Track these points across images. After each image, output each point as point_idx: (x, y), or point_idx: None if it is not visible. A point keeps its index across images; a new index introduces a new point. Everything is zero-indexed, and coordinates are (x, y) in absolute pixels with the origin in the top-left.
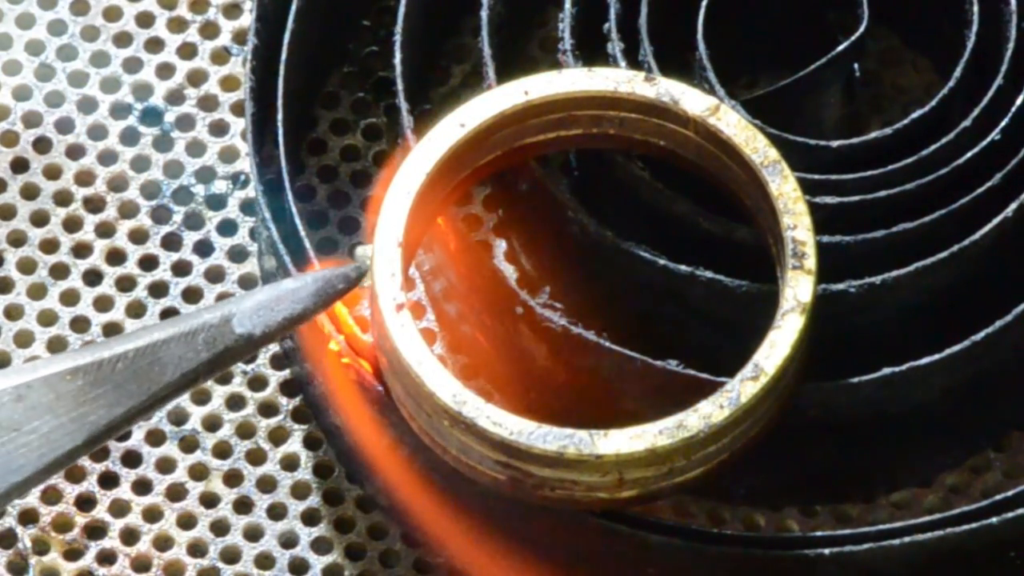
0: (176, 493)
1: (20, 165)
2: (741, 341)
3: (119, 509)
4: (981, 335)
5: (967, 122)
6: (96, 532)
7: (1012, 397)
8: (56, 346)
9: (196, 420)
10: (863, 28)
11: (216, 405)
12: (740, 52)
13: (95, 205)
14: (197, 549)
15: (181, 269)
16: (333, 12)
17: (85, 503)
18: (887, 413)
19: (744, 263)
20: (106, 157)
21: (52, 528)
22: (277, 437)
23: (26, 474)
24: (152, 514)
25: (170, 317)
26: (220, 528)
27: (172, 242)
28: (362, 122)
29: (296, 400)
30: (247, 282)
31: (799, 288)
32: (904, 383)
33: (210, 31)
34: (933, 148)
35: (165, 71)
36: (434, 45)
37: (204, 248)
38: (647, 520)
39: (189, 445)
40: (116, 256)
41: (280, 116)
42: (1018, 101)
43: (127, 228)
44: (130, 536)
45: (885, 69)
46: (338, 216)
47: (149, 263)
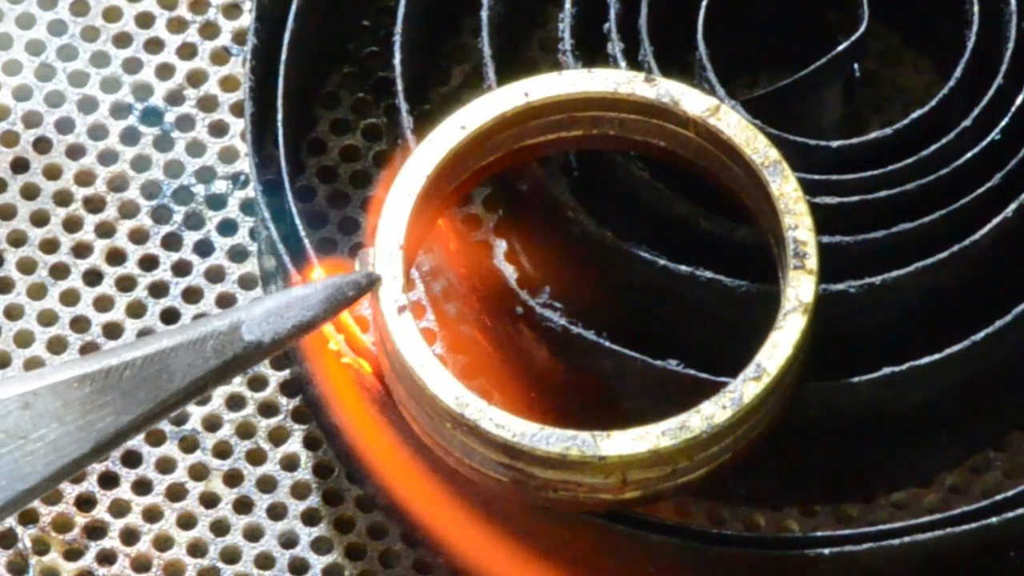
0: (176, 493)
1: (20, 165)
2: (741, 341)
3: (119, 509)
4: (981, 335)
5: (967, 122)
6: (96, 532)
7: (1012, 397)
8: (56, 346)
9: (196, 420)
10: (863, 28)
11: (216, 405)
12: (740, 52)
13: (95, 205)
14: (197, 549)
15: (181, 269)
16: (333, 12)
17: (85, 503)
18: (887, 413)
19: (744, 263)
20: (106, 157)
21: (52, 528)
22: (277, 437)
23: (33, 482)
24: (152, 514)
25: (175, 322)
26: (220, 528)
27: (172, 242)
28: (362, 122)
29: (296, 400)
30: (247, 282)
31: (801, 288)
32: (904, 383)
33: (210, 31)
34: (933, 148)
35: (165, 71)
36: (434, 45)
37: (204, 248)
38: (647, 520)
39: (189, 445)
40: (116, 256)
41: (280, 116)
42: (1018, 101)
43: (127, 228)
44: (130, 536)
45: (885, 69)
46: (338, 216)
47: (149, 263)
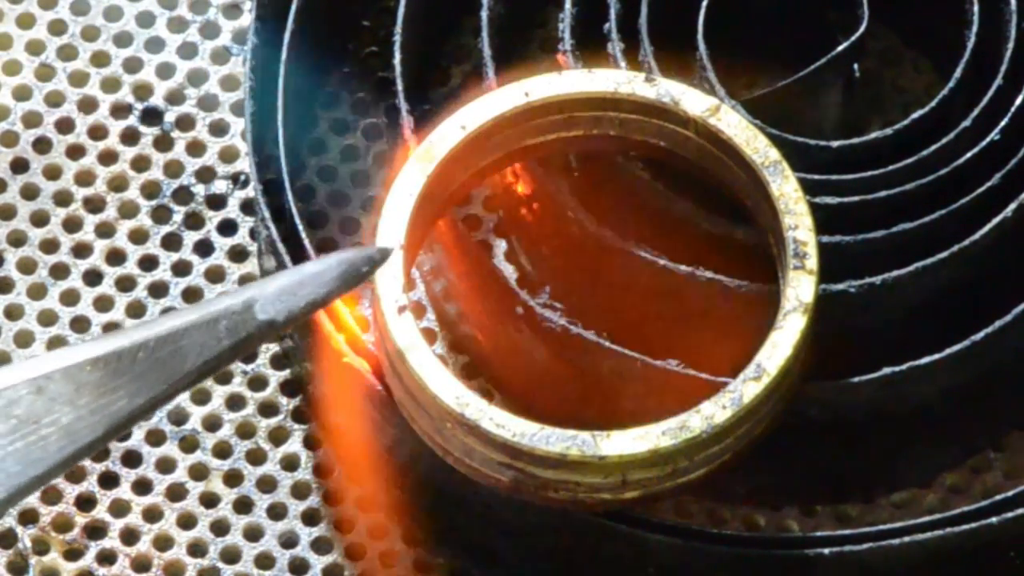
0: (176, 493)
1: (20, 165)
2: (741, 341)
3: (119, 509)
4: (981, 335)
5: (967, 122)
6: (96, 532)
7: (1012, 397)
8: (56, 346)
9: (196, 420)
10: (863, 28)
11: (216, 405)
12: (740, 52)
13: (95, 205)
14: (197, 549)
15: (181, 269)
16: (333, 12)
17: (85, 503)
18: (887, 413)
19: (744, 263)
20: (106, 157)
21: (52, 528)
22: (277, 437)
23: (46, 467)
24: (152, 514)
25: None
26: (220, 528)
27: (172, 242)
28: (362, 122)
29: (296, 400)
30: (247, 282)
31: (801, 288)
32: (904, 383)
33: (210, 31)
34: (933, 148)
35: (165, 71)
36: (434, 45)
37: (204, 248)
38: (647, 520)
39: (189, 445)
40: (116, 256)
41: (280, 116)
42: (1018, 101)
43: (127, 228)
44: (130, 536)
45: (885, 69)
46: (338, 216)
47: (149, 263)
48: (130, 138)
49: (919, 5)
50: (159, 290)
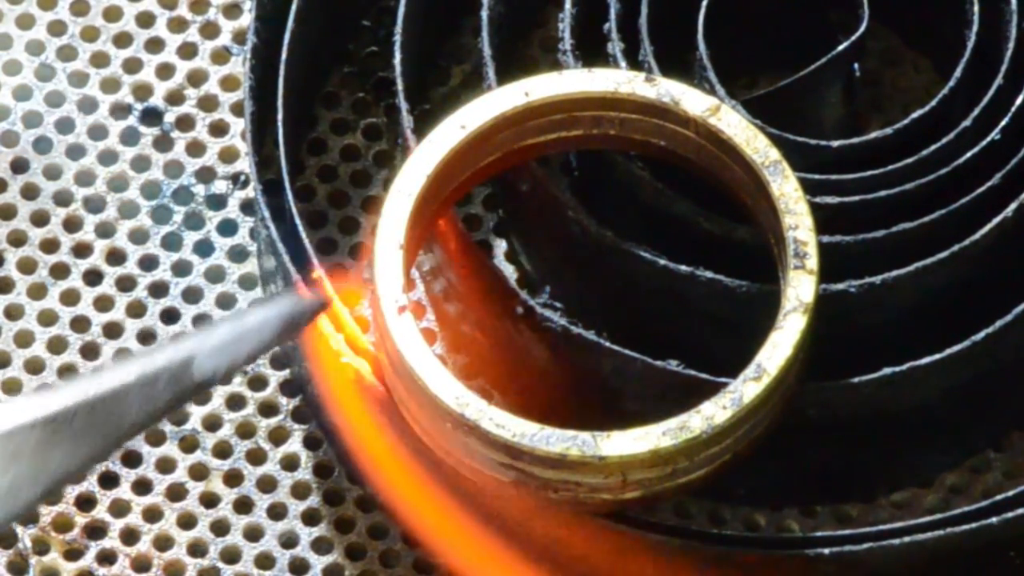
0: (176, 493)
1: (20, 165)
2: (741, 341)
3: (119, 509)
4: (981, 335)
5: (967, 122)
6: (96, 532)
7: (1012, 397)
8: (56, 346)
9: (196, 420)
10: (863, 28)
11: (216, 405)
12: (740, 52)
13: (95, 205)
14: (197, 549)
15: (181, 269)
16: (333, 12)
17: (85, 503)
18: (887, 413)
19: (744, 263)
20: (106, 157)
21: (52, 528)
22: (277, 437)
23: None
24: (152, 514)
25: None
26: (220, 528)
27: (172, 242)
28: (362, 122)
29: (296, 400)
30: (247, 282)
31: (801, 288)
32: (904, 383)
33: (210, 31)
34: (933, 148)
35: (165, 71)
36: (434, 45)
37: (204, 248)
38: (647, 520)
39: (189, 445)
40: (116, 256)
41: (280, 116)
42: (1018, 101)
43: (127, 228)
44: (130, 536)
45: (885, 69)
46: (338, 216)
47: (149, 263)
48: (130, 138)
49: (919, 5)
50: (159, 290)
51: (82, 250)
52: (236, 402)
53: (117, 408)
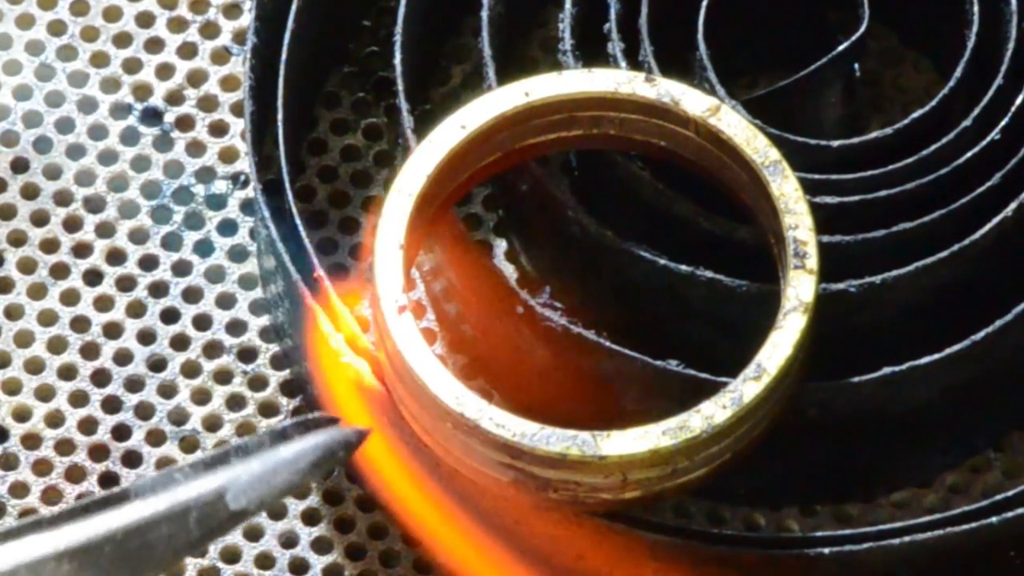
0: None
1: (20, 165)
2: (741, 341)
3: None
4: (981, 335)
5: (967, 122)
6: None
7: (1012, 397)
8: (56, 346)
9: (196, 420)
10: (863, 28)
11: (216, 405)
12: (740, 52)
13: (95, 205)
14: None
15: (181, 269)
16: (333, 12)
17: None
18: (887, 413)
19: (744, 263)
20: (106, 157)
21: None
22: None
23: None
24: None
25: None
26: None
27: (172, 242)
28: (362, 122)
29: (296, 400)
30: (247, 282)
31: (801, 288)
32: (904, 383)
33: (210, 31)
34: (933, 148)
35: (165, 71)
36: (434, 45)
37: (204, 248)
38: (647, 520)
39: (189, 445)
40: (116, 256)
41: (280, 116)
42: (1018, 101)
43: (127, 228)
44: None
45: (885, 69)
46: (338, 216)
47: (149, 263)
48: (130, 138)
49: (919, 5)
50: (159, 290)
51: (82, 250)
52: (236, 402)
53: (146, 541)
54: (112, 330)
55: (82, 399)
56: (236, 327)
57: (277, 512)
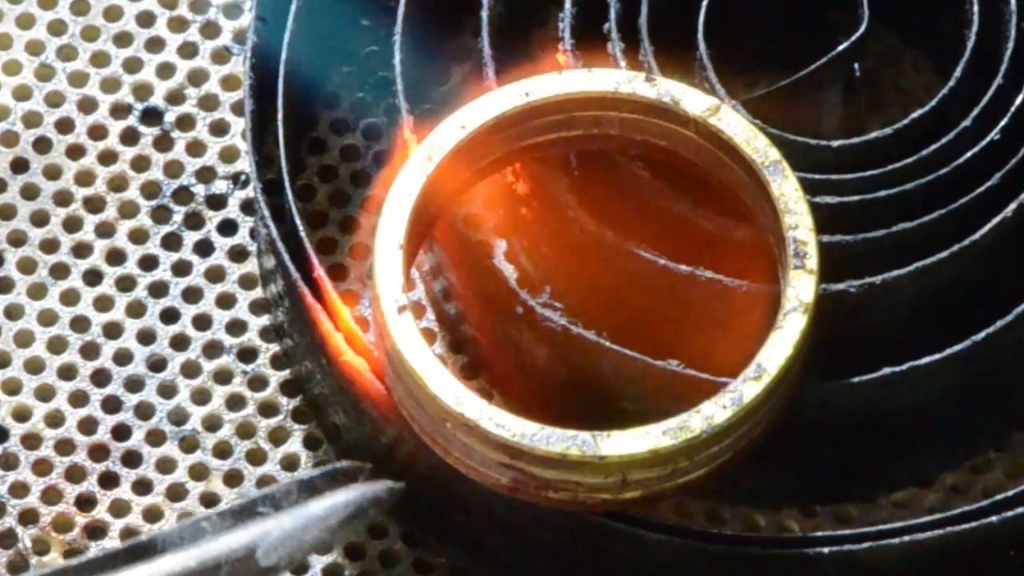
0: (176, 493)
1: (20, 165)
2: (741, 341)
3: (119, 509)
4: (981, 335)
5: (967, 122)
6: (96, 532)
7: (1012, 397)
8: (56, 346)
9: (196, 420)
10: (863, 28)
11: (216, 405)
12: (740, 52)
13: (95, 205)
14: None
15: (181, 269)
16: (333, 12)
17: (85, 503)
18: (887, 413)
19: (744, 263)
20: (106, 157)
21: (52, 528)
22: (277, 437)
23: None
24: (152, 514)
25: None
26: None
27: (172, 242)
28: (362, 122)
29: (296, 400)
30: (247, 282)
31: (801, 288)
32: (904, 383)
33: (210, 31)
34: (933, 148)
35: (165, 71)
36: (434, 45)
37: (204, 248)
38: (647, 520)
39: (189, 445)
40: (116, 256)
41: (280, 116)
42: (1018, 101)
43: (127, 228)
44: (130, 536)
45: (885, 69)
46: (338, 216)
47: (149, 263)
48: (130, 138)
49: (919, 5)
50: (159, 290)
51: (82, 250)
52: (236, 402)
53: None
54: (112, 330)
55: (82, 399)
56: (236, 327)
57: None
